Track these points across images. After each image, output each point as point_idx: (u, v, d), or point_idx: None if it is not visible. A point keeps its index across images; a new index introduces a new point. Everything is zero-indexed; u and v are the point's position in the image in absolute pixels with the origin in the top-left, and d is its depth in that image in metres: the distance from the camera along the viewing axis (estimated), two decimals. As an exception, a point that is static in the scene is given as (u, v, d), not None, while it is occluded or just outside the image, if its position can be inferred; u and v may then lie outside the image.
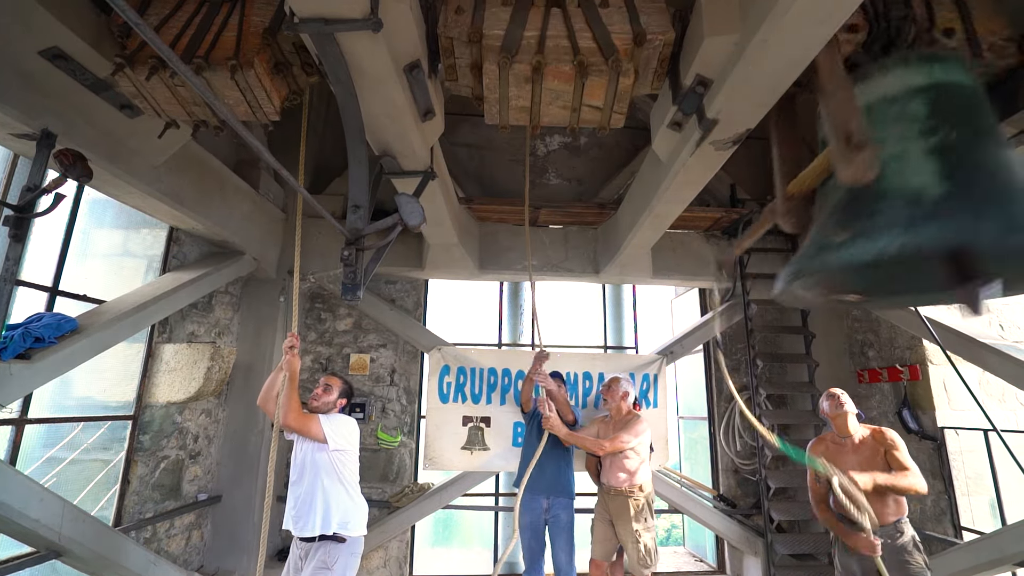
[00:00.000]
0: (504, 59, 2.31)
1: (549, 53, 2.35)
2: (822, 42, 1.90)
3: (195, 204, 3.57)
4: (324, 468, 2.81)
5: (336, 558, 2.74)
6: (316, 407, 2.94)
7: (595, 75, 2.37)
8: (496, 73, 2.38)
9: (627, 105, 2.54)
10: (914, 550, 2.82)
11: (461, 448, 4.76)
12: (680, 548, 5.87)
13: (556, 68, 2.37)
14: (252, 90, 2.40)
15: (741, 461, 5.07)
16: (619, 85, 2.40)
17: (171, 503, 3.82)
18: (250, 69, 2.27)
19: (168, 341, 3.87)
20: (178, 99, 2.45)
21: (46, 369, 2.61)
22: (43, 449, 3.11)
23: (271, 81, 2.41)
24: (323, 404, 2.95)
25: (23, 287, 2.84)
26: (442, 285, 5.81)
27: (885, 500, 2.89)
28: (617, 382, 3.96)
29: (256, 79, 2.33)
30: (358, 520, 2.89)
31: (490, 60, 2.34)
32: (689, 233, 5.31)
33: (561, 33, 2.34)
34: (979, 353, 3.64)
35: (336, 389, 3.00)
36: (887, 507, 2.88)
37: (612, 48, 2.32)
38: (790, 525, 4.85)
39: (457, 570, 4.98)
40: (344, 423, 2.94)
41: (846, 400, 3.09)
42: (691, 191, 3.35)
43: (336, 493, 2.81)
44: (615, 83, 2.39)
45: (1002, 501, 3.65)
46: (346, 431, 2.92)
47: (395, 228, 2.68)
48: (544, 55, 2.34)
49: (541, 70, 2.36)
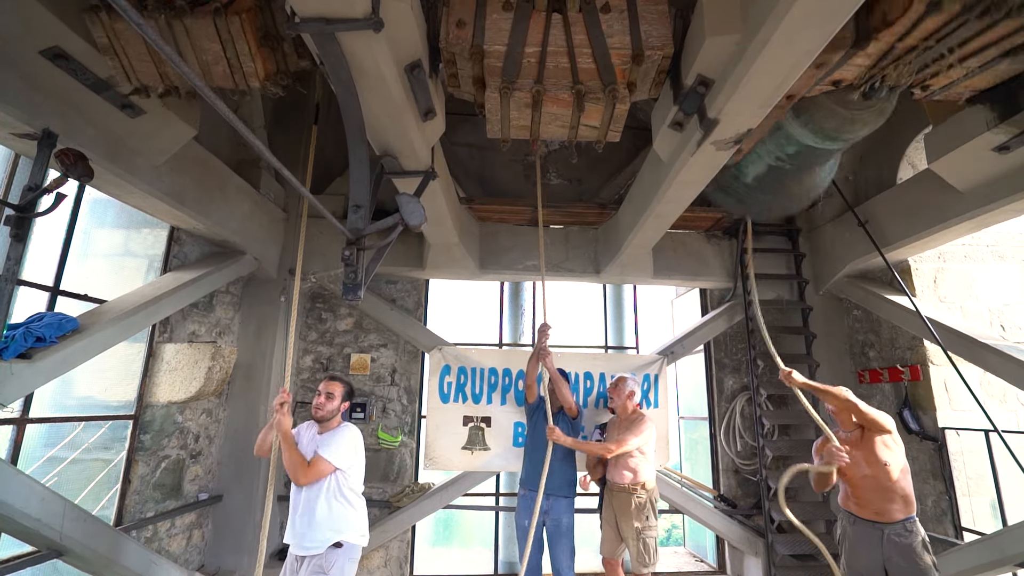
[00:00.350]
0: (505, 87, 2.41)
1: (548, 78, 2.44)
2: (823, 42, 1.90)
3: (196, 204, 3.57)
4: (327, 485, 2.79)
5: (333, 563, 2.73)
6: (321, 416, 2.90)
7: (592, 102, 2.46)
8: (497, 100, 2.47)
9: (623, 123, 2.63)
10: (923, 551, 2.80)
11: (461, 448, 4.76)
12: (681, 548, 5.87)
13: (555, 96, 2.47)
14: (234, 42, 2.29)
15: (742, 461, 5.06)
16: (615, 110, 2.49)
17: (172, 503, 3.83)
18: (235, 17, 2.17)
19: (169, 341, 3.87)
20: (152, 54, 2.36)
21: (47, 369, 2.61)
22: (44, 448, 3.11)
23: (256, 42, 2.30)
24: (327, 412, 2.91)
25: (24, 287, 2.84)
26: (443, 285, 5.80)
27: (892, 498, 2.88)
28: (624, 381, 3.98)
29: (240, 31, 2.23)
30: (358, 527, 2.87)
31: (492, 87, 2.43)
32: (690, 233, 5.31)
33: (561, 49, 2.38)
34: (980, 353, 3.64)
35: (338, 396, 2.96)
36: (894, 504, 2.87)
37: (611, 73, 2.40)
38: (791, 526, 4.83)
39: (457, 570, 4.98)
40: (348, 441, 2.89)
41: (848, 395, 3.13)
42: (692, 191, 3.35)
43: (338, 507, 2.79)
44: (611, 108, 2.48)
45: (1003, 502, 3.65)
46: (351, 448, 2.89)
47: (396, 228, 2.69)
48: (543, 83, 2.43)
49: (540, 98, 2.46)
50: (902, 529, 2.85)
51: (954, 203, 3.56)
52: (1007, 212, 3.39)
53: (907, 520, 2.87)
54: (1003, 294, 4.43)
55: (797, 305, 5.17)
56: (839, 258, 4.79)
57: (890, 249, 4.16)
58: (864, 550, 2.94)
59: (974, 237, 4.48)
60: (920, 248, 4.20)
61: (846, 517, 3.10)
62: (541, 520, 3.77)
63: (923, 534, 2.87)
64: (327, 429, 2.94)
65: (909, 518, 2.87)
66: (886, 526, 2.88)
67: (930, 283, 4.43)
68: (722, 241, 5.33)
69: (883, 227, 4.24)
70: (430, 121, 2.78)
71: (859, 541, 2.98)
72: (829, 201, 4.99)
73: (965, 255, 4.53)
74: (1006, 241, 4.58)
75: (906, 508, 2.88)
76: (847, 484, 3.07)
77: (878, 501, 2.91)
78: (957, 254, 4.53)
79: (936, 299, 4.37)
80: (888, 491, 2.88)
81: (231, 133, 4.28)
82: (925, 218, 3.83)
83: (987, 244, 4.56)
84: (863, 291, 4.65)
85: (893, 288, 4.39)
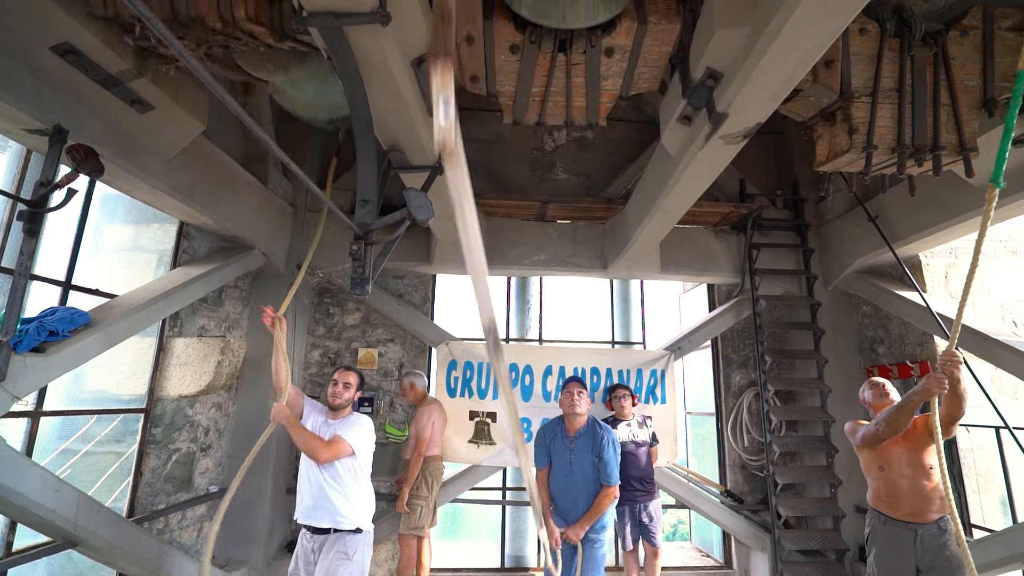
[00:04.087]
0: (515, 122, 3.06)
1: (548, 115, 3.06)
2: (835, 33, 1.88)
3: (205, 199, 3.59)
4: (340, 466, 2.87)
5: (356, 548, 2.85)
6: (338, 404, 3.00)
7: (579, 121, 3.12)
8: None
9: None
10: (956, 549, 2.71)
11: (468, 442, 4.79)
12: (687, 543, 5.88)
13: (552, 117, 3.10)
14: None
15: (748, 457, 5.05)
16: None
17: (183, 495, 3.87)
18: None
19: (179, 335, 3.91)
20: None
21: (60, 362, 2.64)
22: (58, 441, 3.16)
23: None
24: (345, 401, 3.01)
25: (37, 281, 2.88)
26: (450, 280, 5.81)
27: (931, 499, 2.80)
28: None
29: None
30: (369, 511, 2.99)
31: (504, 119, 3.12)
32: (698, 228, 5.28)
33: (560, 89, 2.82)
34: (992, 350, 3.60)
35: (354, 385, 3.07)
36: (932, 505, 2.80)
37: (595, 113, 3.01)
38: (797, 521, 4.84)
39: (464, 563, 5.01)
40: (365, 429, 2.99)
41: (891, 389, 3.09)
42: (700, 186, 3.33)
43: (352, 487, 2.88)
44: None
45: (1013, 499, 3.61)
46: (368, 436, 3.00)
47: (403, 223, 2.69)
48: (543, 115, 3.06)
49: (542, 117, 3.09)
50: (936, 529, 2.79)
51: (966, 198, 3.52)
52: (1021, 207, 3.34)
53: (941, 519, 2.80)
54: (1016, 290, 4.37)
55: (805, 301, 5.13)
56: (848, 253, 4.75)
57: (900, 244, 4.12)
58: (897, 551, 2.86)
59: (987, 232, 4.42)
60: (931, 243, 4.15)
61: (876, 517, 3.00)
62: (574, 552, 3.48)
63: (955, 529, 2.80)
64: (338, 417, 3.02)
65: (943, 517, 2.80)
66: (920, 526, 2.80)
67: (941, 279, 4.38)
68: (730, 236, 5.30)
69: (893, 222, 4.19)
70: (437, 116, 2.79)
71: (891, 542, 2.89)
72: (839, 196, 4.94)
73: (977, 250, 4.47)
74: (1019, 236, 4.52)
75: (941, 508, 2.80)
76: (882, 483, 2.96)
77: (914, 502, 2.83)
78: (969, 249, 4.47)
79: (947, 295, 4.33)
80: (927, 493, 2.81)
81: (239, 128, 4.29)
82: (936, 213, 3.79)
83: (1000, 239, 4.50)
84: (873, 287, 4.61)
85: (903, 284, 4.35)
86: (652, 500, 4.13)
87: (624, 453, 4.13)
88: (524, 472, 2.99)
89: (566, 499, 3.41)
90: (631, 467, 4.09)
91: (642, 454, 4.18)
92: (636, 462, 4.13)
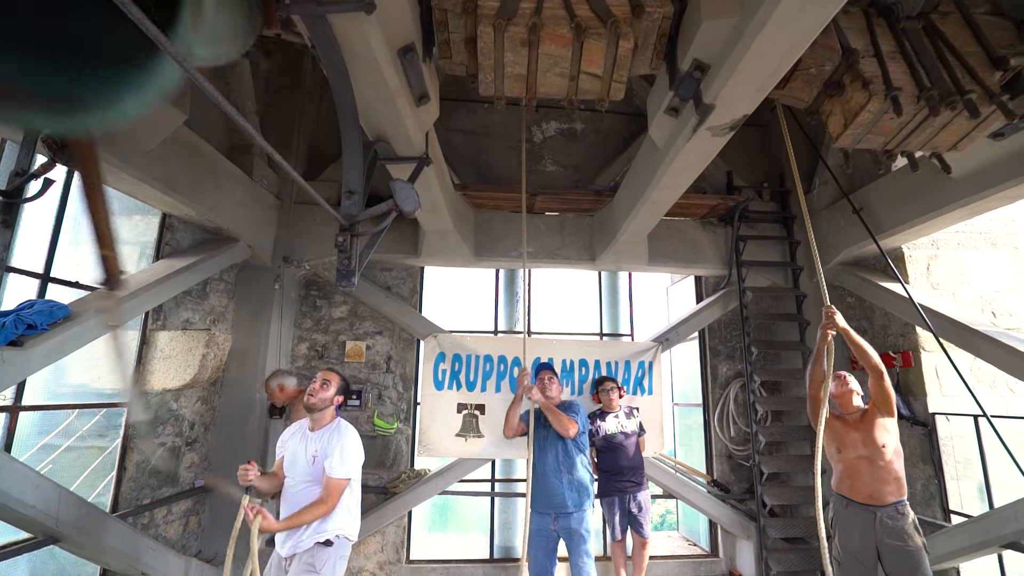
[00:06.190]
0: (500, 22, 2.25)
1: (546, 19, 2.30)
2: (822, 24, 1.88)
3: (188, 190, 3.53)
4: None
5: (324, 562, 2.66)
6: (313, 403, 2.80)
7: (593, 39, 2.29)
8: (491, 36, 2.30)
9: (627, 73, 2.46)
10: (913, 532, 2.88)
11: (455, 435, 4.78)
12: (674, 533, 5.95)
13: (553, 31, 2.31)
14: None
15: (735, 447, 5.12)
16: (619, 49, 2.31)
17: (168, 489, 3.84)
18: None
19: (163, 328, 3.85)
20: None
21: (39, 356, 2.59)
22: (38, 436, 3.11)
23: None
24: (320, 400, 2.81)
25: (14, 274, 2.81)
26: (438, 272, 5.79)
27: (886, 480, 2.95)
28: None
29: None
30: (350, 527, 2.82)
31: (485, 23, 2.28)
32: (685, 220, 5.30)
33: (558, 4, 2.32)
34: (971, 340, 3.67)
35: (334, 385, 2.87)
36: (888, 486, 2.95)
37: (609, 13, 2.27)
38: (782, 509, 4.92)
39: (454, 555, 5.03)
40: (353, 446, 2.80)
41: (851, 380, 3.29)
42: (687, 178, 3.34)
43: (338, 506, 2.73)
44: (614, 47, 2.31)
45: (990, 485, 3.71)
46: (358, 455, 2.83)
47: (390, 214, 2.67)
48: (541, 18, 2.29)
49: (537, 32, 2.29)
50: (894, 511, 2.93)
51: (948, 190, 3.57)
52: (1000, 199, 3.40)
53: (898, 503, 2.94)
54: (995, 281, 4.46)
55: (791, 292, 5.19)
56: (833, 245, 4.80)
57: (884, 236, 4.18)
58: (857, 533, 3.00)
59: (967, 224, 4.49)
60: (914, 235, 4.21)
61: (839, 500, 3.16)
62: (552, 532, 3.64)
63: (913, 516, 2.94)
64: (320, 425, 2.83)
65: (900, 501, 2.94)
66: (879, 509, 2.94)
67: (923, 270, 4.45)
68: (717, 228, 5.33)
69: (877, 214, 4.25)
70: (424, 106, 2.75)
71: (852, 524, 3.04)
72: (824, 188, 4.99)
73: (958, 242, 4.55)
74: (999, 228, 4.60)
75: (898, 491, 2.95)
76: (841, 466, 3.12)
77: (872, 483, 2.97)
78: (950, 241, 4.55)
79: (929, 286, 4.40)
80: (882, 473, 2.95)
81: (223, 119, 4.22)
82: (919, 205, 3.84)
83: (980, 231, 4.58)
84: (857, 278, 4.67)
85: (886, 275, 4.41)
86: (641, 491, 4.17)
87: (614, 444, 4.18)
88: None
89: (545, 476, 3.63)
90: (621, 457, 4.14)
91: (631, 444, 4.22)
92: (625, 452, 4.17)
